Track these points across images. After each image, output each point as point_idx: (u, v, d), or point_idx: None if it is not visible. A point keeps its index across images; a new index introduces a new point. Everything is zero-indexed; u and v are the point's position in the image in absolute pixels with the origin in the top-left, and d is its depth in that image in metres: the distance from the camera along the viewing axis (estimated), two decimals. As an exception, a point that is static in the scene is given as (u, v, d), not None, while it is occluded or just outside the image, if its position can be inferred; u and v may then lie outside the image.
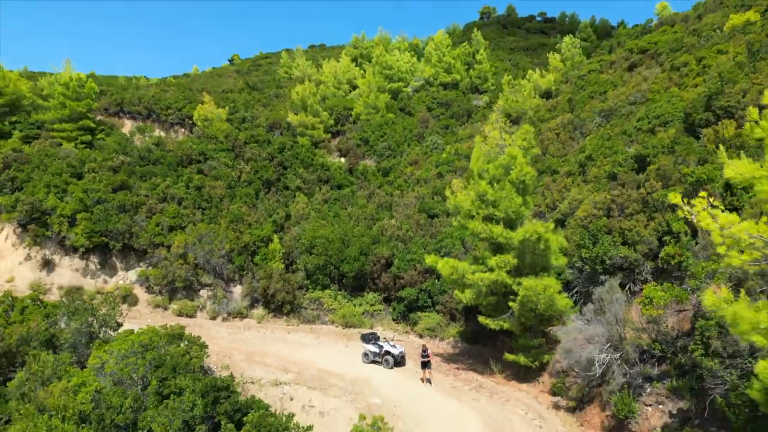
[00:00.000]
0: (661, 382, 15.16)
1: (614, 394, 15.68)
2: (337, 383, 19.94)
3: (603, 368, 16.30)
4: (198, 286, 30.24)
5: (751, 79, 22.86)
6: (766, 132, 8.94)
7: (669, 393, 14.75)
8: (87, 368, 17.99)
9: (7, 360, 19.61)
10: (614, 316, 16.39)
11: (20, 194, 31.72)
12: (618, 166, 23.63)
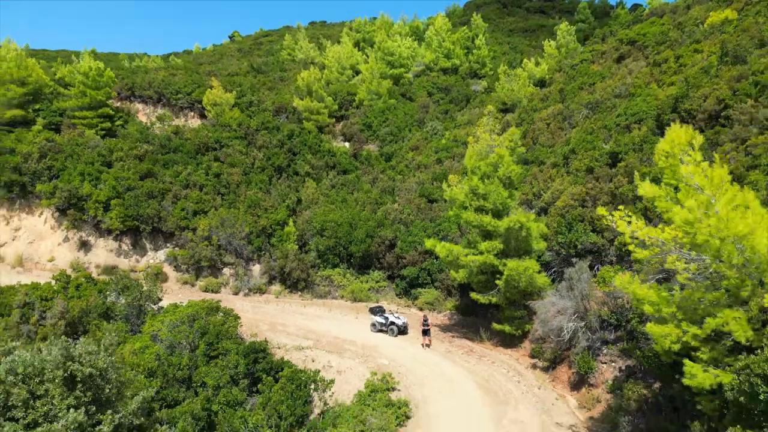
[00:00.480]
0: (615, 345, 18.87)
1: (578, 355, 19.44)
2: (350, 348, 23.75)
3: (570, 334, 20.00)
4: (221, 265, 33.94)
5: (713, 84, 26.08)
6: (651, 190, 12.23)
7: (620, 353, 18.48)
8: (143, 334, 21.72)
9: (71, 329, 23.28)
10: (581, 292, 20.03)
11: (57, 182, 35.14)
12: (594, 161, 27.05)
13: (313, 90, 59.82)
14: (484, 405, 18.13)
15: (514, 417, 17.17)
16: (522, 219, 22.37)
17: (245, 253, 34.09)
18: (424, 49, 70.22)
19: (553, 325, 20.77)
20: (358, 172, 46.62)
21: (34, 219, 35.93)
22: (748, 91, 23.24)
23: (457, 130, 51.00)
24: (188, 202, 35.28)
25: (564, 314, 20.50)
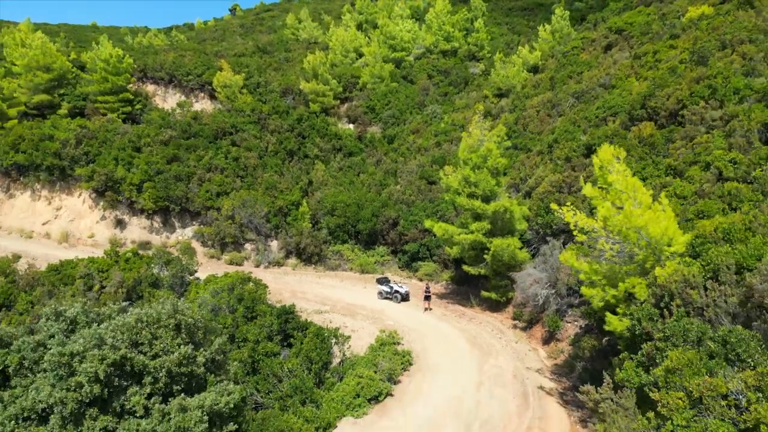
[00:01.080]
0: (578, 308, 23.45)
1: (549, 317, 24.05)
2: (361, 312, 28.41)
3: (544, 300, 24.57)
4: (243, 241, 38.45)
5: (676, 84, 30.09)
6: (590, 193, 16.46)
7: (582, 315, 23.05)
8: (190, 300, 26.28)
9: (127, 296, 27.87)
10: (552, 266, 24.52)
11: (94, 166, 39.37)
12: (572, 151, 31.27)
13: (319, 73, 63.37)
14: (471, 355, 22.78)
15: (494, 363, 21.82)
16: (507, 204, 26.76)
17: (264, 230, 38.55)
18: (424, 32, 73.43)
19: (530, 292, 25.32)
20: (363, 154, 50.77)
21: (74, 199, 40.29)
22: (702, 93, 27.31)
23: (455, 114, 54.93)
24: (212, 184, 39.60)
25: (539, 283, 25.05)
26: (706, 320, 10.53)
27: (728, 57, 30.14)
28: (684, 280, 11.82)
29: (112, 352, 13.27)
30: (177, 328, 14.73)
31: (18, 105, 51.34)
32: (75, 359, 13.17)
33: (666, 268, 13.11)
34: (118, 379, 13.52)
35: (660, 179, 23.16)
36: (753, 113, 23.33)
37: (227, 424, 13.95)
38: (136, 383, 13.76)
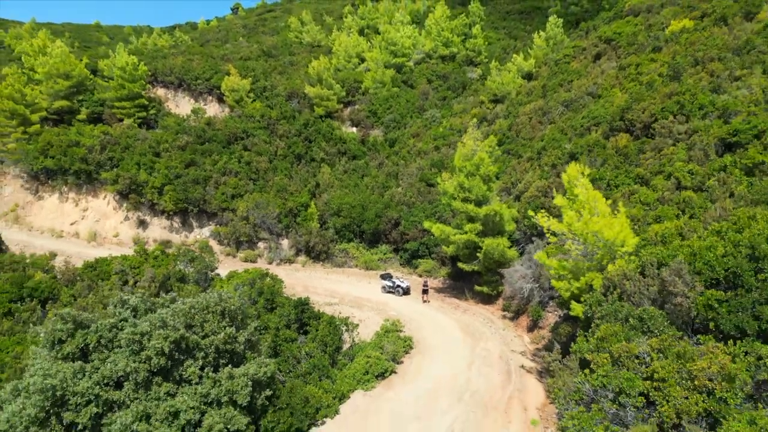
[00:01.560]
0: (557, 299, 26.91)
1: (532, 307, 27.52)
2: (367, 304, 31.88)
3: (528, 293, 28.04)
4: (257, 240, 41.89)
5: (650, 99, 33.45)
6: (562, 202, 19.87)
7: (559, 305, 26.53)
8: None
9: (158, 290, 31.29)
10: (536, 263, 27.97)
11: (119, 170, 42.78)
12: (558, 158, 34.69)
13: (323, 78, 66.76)
14: (464, 341, 26.25)
15: (484, 347, 25.28)
16: (497, 208, 30.19)
17: (276, 230, 42.00)
18: (424, 37, 76.72)
19: (517, 286, 28.79)
20: (367, 158, 54.19)
21: (99, 201, 43.72)
22: (672, 108, 30.70)
23: (453, 118, 58.31)
24: (227, 187, 43.02)
25: (525, 278, 28.51)
26: (634, 304, 13.87)
27: (699, 74, 33.53)
28: (623, 273, 15.16)
29: (173, 332, 16.73)
30: (222, 314, 18.21)
31: (40, 111, 54.62)
32: (144, 338, 16.65)
33: (615, 265, 16.48)
34: (177, 354, 16.99)
35: (629, 187, 26.60)
36: (712, 129, 26.77)
37: (264, 390, 17.45)
38: (190, 357, 17.24)
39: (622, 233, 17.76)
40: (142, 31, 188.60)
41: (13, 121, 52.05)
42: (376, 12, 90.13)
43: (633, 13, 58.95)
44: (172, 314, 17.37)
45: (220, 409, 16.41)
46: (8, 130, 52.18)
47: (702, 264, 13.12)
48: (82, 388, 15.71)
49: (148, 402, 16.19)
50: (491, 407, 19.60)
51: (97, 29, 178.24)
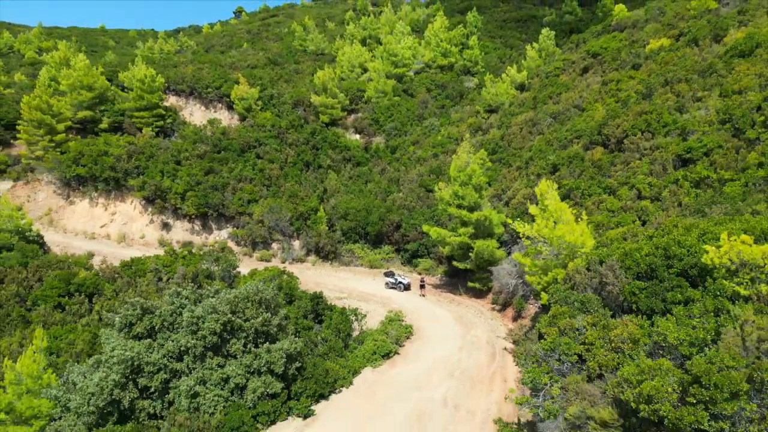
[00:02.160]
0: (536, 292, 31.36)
1: (517, 300, 32.01)
2: (372, 298, 36.37)
3: (513, 287, 32.53)
4: (271, 241, 46.38)
5: (624, 116, 37.90)
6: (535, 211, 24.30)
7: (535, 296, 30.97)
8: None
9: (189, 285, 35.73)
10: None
11: (144, 178, 47.26)
12: (542, 169, 39.18)
13: (328, 88, 71.16)
14: (456, 329, 30.73)
15: (474, 334, 29.77)
16: (487, 213, 34.70)
17: (288, 232, 46.47)
18: (423, 47, 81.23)
19: (504, 282, 33.29)
20: (370, 164, 58.66)
21: (126, 206, 48.22)
22: (641, 125, 35.15)
23: (450, 127, 62.81)
24: (243, 193, 47.51)
25: (511, 275, 32.99)
26: (580, 291, 18.26)
27: (666, 94, 38.00)
28: (576, 269, 19.54)
29: (222, 316, 21.24)
30: (259, 302, 22.72)
31: (65, 120, 59.10)
32: (200, 320, 21.15)
33: (574, 263, 20.90)
34: (225, 334, 21.50)
35: (599, 196, 31.10)
36: (671, 145, 31.26)
37: (294, 362, 21.97)
38: (235, 337, 21.74)
39: (582, 237, 22.23)
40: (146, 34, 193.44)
41: (41, 130, 56.56)
42: (378, 22, 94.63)
43: (619, 28, 63.43)
44: (220, 302, 21.87)
45: (260, 377, 20.92)
46: (36, 138, 56.70)
47: (631, 261, 17.52)
48: (154, 359, 20.21)
49: (204, 371, 20.70)
50: (477, 381, 24.09)
51: (103, 33, 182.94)
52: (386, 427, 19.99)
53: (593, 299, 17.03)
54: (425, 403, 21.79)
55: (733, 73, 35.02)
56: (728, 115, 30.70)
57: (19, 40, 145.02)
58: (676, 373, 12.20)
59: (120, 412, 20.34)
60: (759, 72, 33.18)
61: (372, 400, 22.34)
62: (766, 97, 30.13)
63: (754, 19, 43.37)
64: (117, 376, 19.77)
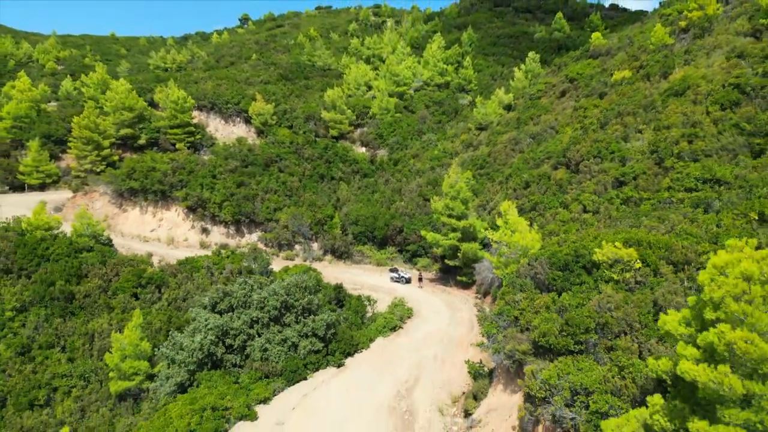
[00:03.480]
0: (510, 284, 41.34)
1: (494, 289, 41.99)
2: (380, 289, 46.38)
3: (491, 279, 42.49)
4: (294, 243, 56.32)
5: (583, 142, 47.72)
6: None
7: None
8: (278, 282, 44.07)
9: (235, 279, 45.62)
10: (496, 259, 42.44)
11: (187, 190, 57.17)
12: (518, 185, 49.14)
13: (337, 105, 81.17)
14: (446, 311, 40.68)
15: (460, 315, 39.72)
16: (471, 222, 44.68)
17: (308, 235, 56.42)
18: (422, 66, 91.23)
19: (484, 275, 43.26)
20: (376, 176, 68.66)
21: (171, 213, 58.16)
22: (594, 152, 45.06)
23: (446, 142, 72.79)
24: (270, 202, 57.47)
25: (489, 270, 42.96)
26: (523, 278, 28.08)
27: (617, 125, 47.93)
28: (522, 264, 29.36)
29: (280, 297, 31.23)
30: (304, 288, 32.74)
31: (109, 137, 69.12)
32: (265, 300, 31.14)
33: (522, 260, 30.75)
34: (282, 310, 31.49)
35: (556, 209, 41.07)
36: (612, 170, 41.20)
37: (330, 329, 31.99)
38: (288, 312, 31.74)
39: (532, 242, 32.16)
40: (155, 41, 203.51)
41: (89, 146, 66.63)
42: (381, 42, 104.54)
43: (594, 55, 73.32)
44: (278, 288, 31.88)
45: (307, 338, 30.93)
46: (85, 153, 66.77)
47: (555, 259, 27.37)
48: (236, 326, 30.21)
49: (269, 334, 30.71)
50: (458, 344, 34.09)
51: (114, 41, 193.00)
52: (395, 371, 30.01)
53: (528, 283, 27.00)
54: (421, 358, 31.82)
55: (666, 110, 44.96)
56: (656, 146, 40.65)
57: (38, 50, 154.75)
58: (559, 320, 22.20)
59: (213, 363, 30.34)
60: (684, 111, 43.08)
61: (384, 357, 32.37)
62: (683, 133, 40.06)
63: (696, 60, 53.20)
64: (212, 337, 29.75)
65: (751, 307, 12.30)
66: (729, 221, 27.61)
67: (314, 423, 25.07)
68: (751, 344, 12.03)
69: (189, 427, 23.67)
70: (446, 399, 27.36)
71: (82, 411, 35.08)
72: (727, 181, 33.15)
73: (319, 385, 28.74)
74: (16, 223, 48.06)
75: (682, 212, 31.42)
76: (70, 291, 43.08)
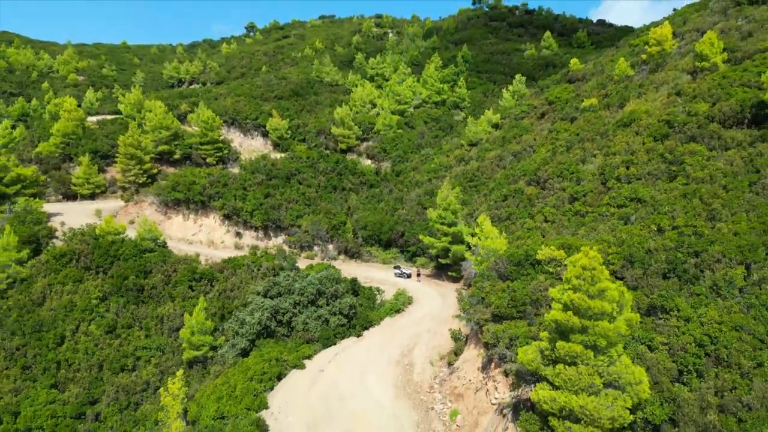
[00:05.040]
0: (488, 278, 53.87)
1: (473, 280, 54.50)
2: (386, 282, 58.91)
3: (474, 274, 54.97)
4: (313, 245, 68.76)
5: (550, 164, 60.03)
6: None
7: (489, 281, 53.50)
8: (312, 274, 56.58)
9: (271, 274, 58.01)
10: (478, 258, 55.03)
11: (223, 200, 69.57)
12: (498, 198, 61.61)
13: (345, 122, 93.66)
14: (438, 299, 53.14)
15: (448, 301, 52.09)
16: (459, 228, 57.19)
17: (325, 238, 68.84)
18: (421, 85, 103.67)
19: (469, 271, 55.74)
20: (381, 186, 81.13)
21: (209, 220, 70.59)
22: (557, 173, 57.45)
23: (441, 156, 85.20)
24: (293, 210, 69.92)
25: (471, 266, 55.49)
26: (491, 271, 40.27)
27: (578, 149, 60.33)
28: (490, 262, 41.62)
29: (315, 286, 43.77)
30: (332, 280, 45.30)
31: (149, 153, 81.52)
32: (305, 288, 43.69)
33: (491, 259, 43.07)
34: (316, 295, 44.03)
35: (524, 219, 53.49)
36: (568, 188, 53.64)
37: (352, 309, 44.55)
38: (321, 297, 44.28)
39: (500, 245, 44.57)
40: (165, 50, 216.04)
41: (133, 161, 79.07)
42: (384, 62, 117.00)
43: (572, 80, 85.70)
44: (313, 279, 44.39)
45: (336, 316, 43.44)
46: (129, 167, 79.19)
47: (512, 257, 39.68)
48: (284, 306, 42.74)
49: (308, 312, 43.23)
50: (446, 321, 46.60)
51: (126, 50, 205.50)
52: (399, 339, 42.52)
53: (493, 275, 39.51)
54: (419, 331, 44.35)
55: (615, 139, 57.36)
56: (603, 170, 53.05)
57: (58, 61, 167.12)
58: (508, 298, 34.72)
59: (267, 333, 42.81)
60: (627, 141, 55.45)
61: (391, 330, 44.88)
62: (623, 160, 52.46)
63: (647, 93, 65.56)
64: (268, 314, 42.24)
65: (583, 282, 24.67)
66: (636, 231, 40.12)
67: (344, 371, 37.58)
68: (583, 301, 24.38)
69: (262, 369, 36.15)
70: (436, 356, 39.89)
71: (162, 373, 47.69)
72: (645, 200, 45.64)
73: (345, 348, 41.28)
74: (90, 229, 60.51)
75: (609, 224, 43.93)
76: (140, 284, 55.58)
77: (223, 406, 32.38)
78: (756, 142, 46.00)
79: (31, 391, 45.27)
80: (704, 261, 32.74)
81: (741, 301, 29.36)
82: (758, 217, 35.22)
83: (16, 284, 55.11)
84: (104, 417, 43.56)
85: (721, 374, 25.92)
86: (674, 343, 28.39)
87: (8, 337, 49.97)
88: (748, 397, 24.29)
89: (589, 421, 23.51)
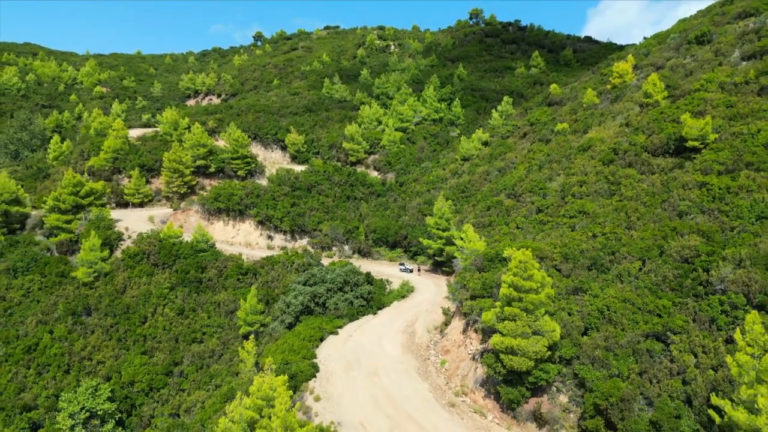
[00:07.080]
0: (474, 272, 70.89)
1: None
2: (393, 276, 75.88)
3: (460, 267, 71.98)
4: (332, 246, 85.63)
5: (525, 181, 76.68)
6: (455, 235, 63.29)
7: (474, 274, 70.50)
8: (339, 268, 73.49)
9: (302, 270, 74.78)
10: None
11: (257, 209, 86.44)
12: (483, 208, 78.54)
13: (354, 138, 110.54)
14: (434, 288, 69.98)
15: (442, 290, 68.68)
16: (452, 233, 74.17)
17: (342, 240, 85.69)
18: (421, 104, 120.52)
19: (458, 267, 72.75)
20: (387, 195, 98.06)
21: (245, 225, 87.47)
22: (530, 188, 74.27)
23: (439, 169, 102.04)
24: (315, 217, 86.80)
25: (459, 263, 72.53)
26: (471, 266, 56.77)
27: (548, 168, 77.14)
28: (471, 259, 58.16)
29: (343, 276, 60.79)
30: (356, 272, 62.35)
31: (189, 167, 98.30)
32: (335, 278, 60.73)
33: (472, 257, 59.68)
34: (343, 284, 61.05)
35: (501, 226, 70.42)
36: (536, 202, 70.55)
37: (371, 294, 61.62)
38: (347, 285, 61.32)
39: (480, 247, 61.40)
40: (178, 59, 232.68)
41: (176, 174, 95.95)
42: (388, 82, 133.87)
43: (551, 103, 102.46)
44: (340, 272, 61.40)
45: (358, 299, 60.47)
46: (172, 179, 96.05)
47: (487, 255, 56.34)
48: (320, 291, 59.77)
49: (337, 296, 60.24)
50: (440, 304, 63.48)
51: (141, 60, 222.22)
52: (405, 316, 59.48)
53: (472, 268, 56.47)
54: (419, 310, 61.32)
55: (574, 161, 74.20)
56: (563, 187, 69.94)
57: (81, 73, 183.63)
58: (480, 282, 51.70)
59: (308, 312, 59.73)
60: (583, 164, 72.27)
61: (398, 310, 61.88)
62: (578, 180, 69.32)
63: (606, 121, 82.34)
64: (308, 298, 59.20)
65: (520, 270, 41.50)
66: (577, 236, 57.09)
67: (366, 336, 54.45)
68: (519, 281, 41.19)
69: (310, 334, 53.04)
70: (431, 327, 56.87)
71: (224, 344, 64.55)
72: (588, 213, 62.55)
73: (365, 322, 58.23)
74: (155, 233, 77.46)
75: (561, 230, 60.90)
76: (198, 277, 72.51)
77: (286, 356, 49.28)
78: (674, 168, 62.63)
79: (128, 355, 62.04)
80: (616, 258, 49.43)
81: (634, 284, 46.04)
82: (659, 227, 52.08)
83: (101, 277, 71.83)
84: (186, 374, 60.36)
85: (609, 329, 42.62)
86: (584, 310, 45.09)
87: (103, 317, 66.79)
88: (621, 341, 41.04)
89: (522, 354, 40.35)
